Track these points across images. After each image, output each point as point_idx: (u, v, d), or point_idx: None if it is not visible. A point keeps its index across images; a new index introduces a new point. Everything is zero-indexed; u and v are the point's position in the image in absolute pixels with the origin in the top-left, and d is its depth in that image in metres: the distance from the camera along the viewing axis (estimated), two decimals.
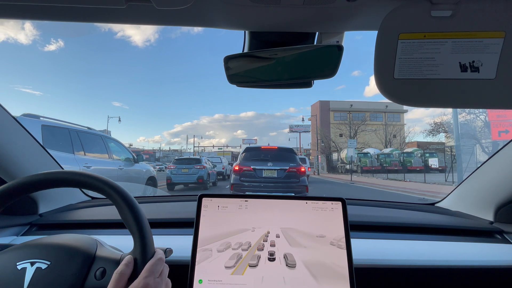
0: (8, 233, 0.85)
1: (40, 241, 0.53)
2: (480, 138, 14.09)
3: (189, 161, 9.87)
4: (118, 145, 5.53)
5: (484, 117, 14.07)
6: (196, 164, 9.47)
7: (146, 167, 6.15)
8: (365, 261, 0.75)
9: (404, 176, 17.90)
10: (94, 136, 4.85)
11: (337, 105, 36.81)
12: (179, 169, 9.31)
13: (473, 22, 0.45)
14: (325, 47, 0.63)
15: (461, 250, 0.83)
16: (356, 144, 27.07)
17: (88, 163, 4.29)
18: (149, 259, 0.48)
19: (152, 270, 0.46)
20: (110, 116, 33.32)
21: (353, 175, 20.36)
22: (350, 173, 21.12)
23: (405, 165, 23.29)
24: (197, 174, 9.23)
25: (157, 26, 0.64)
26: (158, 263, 0.48)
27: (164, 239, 0.83)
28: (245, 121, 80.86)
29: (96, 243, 0.54)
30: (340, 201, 0.69)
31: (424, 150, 24.94)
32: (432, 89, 0.49)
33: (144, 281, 0.44)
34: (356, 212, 1.00)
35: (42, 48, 71.46)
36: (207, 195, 0.70)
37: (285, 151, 6.49)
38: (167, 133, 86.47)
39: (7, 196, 0.48)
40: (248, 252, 0.64)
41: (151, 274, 0.46)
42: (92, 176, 0.50)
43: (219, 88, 79.58)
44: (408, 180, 16.14)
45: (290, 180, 5.96)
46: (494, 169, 0.92)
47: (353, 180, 17.49)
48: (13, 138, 0.86)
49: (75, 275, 0.47)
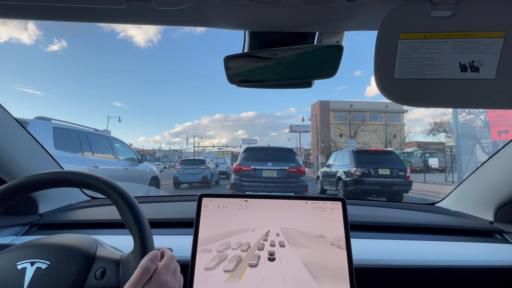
0: (8, 233, 0.85)
1: (40, 241, 0.53)
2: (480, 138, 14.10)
3: (194, 161, 10.68)
4: (123, 146, 5.71)
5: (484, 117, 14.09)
6: (200, 165, 10.23)
7: (150, 167, 6.33)
8: (365, 261, 0.75)
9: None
10: (101, 137, 5.05)
11: (337, 105, 36.80)
12: (185, 169, 10.05)
13: (473, 22, 0.45)
14: (325, 47, 0.63)
15: (461, 250, 0.83)
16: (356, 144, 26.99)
17: (96, 163, 4.44)
18: (150, 249, 0.47)
19: (168, 267, 0.47)
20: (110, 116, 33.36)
21: None
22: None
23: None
24: (202, 174, 9.97)
25: (159, 26, 0.64)
26: (172, 261, 0.48)
27: (164, 239, 0.83)
28: (246, 121, 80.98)
29: (96, 243, 0.54)
30: (340, 201, 0.69)
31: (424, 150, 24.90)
32: (432, 89, 0.49)
33: (163, 278, 0.44)
34: (356, 212, 1.00)
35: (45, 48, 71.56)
36: (207, 195, 0.70)
37: (284, 151, 6.55)
38: (167, 133, 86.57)
39: (8, 195, 0.48)
40: (248, 252, 0.64)
41: (168, 271, 0.46)
42: (92, 176, 0.50)
43: (220, 88, 79.74)
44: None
45: (290, 180, 5.99)
46: (494, 169, 0.92)
47: None
48: (13, 138, 0.86)
49: (75, 275, 0.47)
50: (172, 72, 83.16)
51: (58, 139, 3.90)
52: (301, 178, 6.02)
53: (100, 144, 4.90)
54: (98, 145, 4.81)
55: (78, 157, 4.21)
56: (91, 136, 4.71)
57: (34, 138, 0.93)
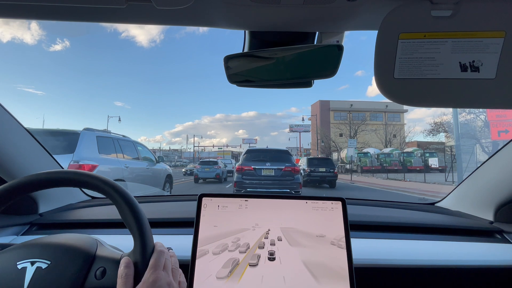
0: (8, 233, 0.85)
1: (41, 240, 0.53)
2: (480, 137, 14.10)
3: (209, 163, 14.31)
4: (143, 148, 6.74)
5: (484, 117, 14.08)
6: (214, 165, 13.93)
7: (165, 167, 7.33)
8: (365, 261, 0.76)
9: (404, 176, 17.76)
10: (128, 142, 6.08)
11: (337, 104, 36.71)
12: (203, 168, 13.79)
13: (473, 22, 0.45)
14: (325, 46, 0.63)
15: (461, 250, 0.83)
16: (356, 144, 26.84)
17: (126, 164, 5.38)
18: (149, 258, 0.48)
19: (156, 264, 0.47)
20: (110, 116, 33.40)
21: (353, 175, 20.26)
22: (350, 173, 21.00)
23: (405, 165, 23.15)
24: (215, 172, 13.59)
25: (162, 26, 0.64)
26: (160, 255, 0.48)
27: (164, 238, 0.83)
28: (246, 121, 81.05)
29: (96, 243, 0.54)
30: (340, 201, 0.69)
31: (424, 150, 24.79)
32: (432, 89, 0.49)
33: (152, 276, 0.45)
34: (356, 211, 1.00)
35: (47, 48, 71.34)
36: (207, 194, 0.70)
37: (281, 152, 7.59)
38: (168, 132, 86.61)
39: (8, 195, 0.48)
40: (248, 252, 0.64)
41: (157, 268, 0.46)
42: (93, 176, 0.50)
43: (221, 88, 79.80)
44: (408, 180, 16.02)
45: (286, 178, 6.92)
46: (494, 169, 0.92)
47: (353, 180, 17.36)
48: (14, 138, 0.86)
49: (75, 274, 0.47)
50: (173, 72, 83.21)
51: (100, 146, 4.75)
52: (296, 176, 6.95)
53: (128, 148, 5.88)
54: (127, 149, 5.78)
55: (114, 160, 5.12)
56: (121, 142, 5.68)
57: (34, 138, 0.93)
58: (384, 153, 26.76)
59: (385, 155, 25.91)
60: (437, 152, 23.20)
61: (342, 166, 28.13)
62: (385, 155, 25.86)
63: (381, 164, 24.67)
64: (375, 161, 25.26)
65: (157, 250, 0.49)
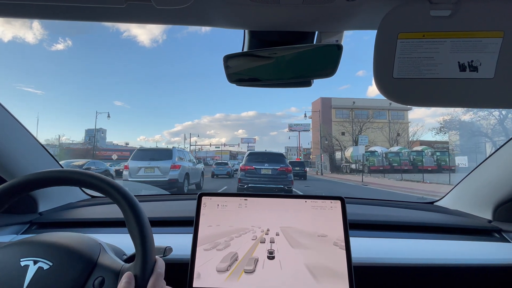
0: (8, 232, 0.86)
1: (45, 238, 0.52)
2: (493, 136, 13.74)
3: (222, 163, 19.09)
4: (188, 154, 11.20)
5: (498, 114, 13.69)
6: (225, 165, 18.55)
7: (201, 166, 11.74)
8: (364, 260, 0.76)
9: (423, 176, 15.64)
10: (185, 152, 11.13)
11: (339, 102, 35.59)
12: (218, 167, 18.03)
13: (472, 22, 0.45)
14: (324, 46, 0.63)
15: (460, 249, 0.83)
16: (367, 141, 26.05)
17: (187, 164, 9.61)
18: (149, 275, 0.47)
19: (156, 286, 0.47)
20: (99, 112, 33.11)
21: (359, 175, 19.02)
22: (361, 174, 19.65)
23: (415, 165, 21.93)
24: (226, 170, 17.79)
25: (163, 26, 0.65)
26: (159, 278, 0.48)
27: (164, 237, 0.84)
28: (246, 121, 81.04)
29: (99, 248, 0.53)
30: (339, 200, 0.69)
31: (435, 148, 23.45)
32: (431, 89, 0.49)
33: None
34: (354, 211, 1.00)
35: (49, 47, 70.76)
36: (207, 193, 0.71)
37: (277, 155, 9.69)
38: (167, 132, 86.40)
39: (9, 194, 0.48)
40: (248, 250, 0.64)
41: None
42: (93, 175, 0.50)
43: (221, 87, 79.44)
44: (428, 181, 14.21)
45: (280, 176, 8.68)
46: (492, 168, 0.93)
47: (365, 181, 15.64)
48: (14, 137, 0.86)
49: (75, 280, 0.47)
50: (173, 72, 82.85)
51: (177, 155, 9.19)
52: (288, 175, 8.74)
53: (186, 155, 10.40)
54: (186, 156, 10.23)
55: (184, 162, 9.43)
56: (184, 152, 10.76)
57: (34, 137, 0.94)
58: (393, 152, 25.27)
59: (394, 154, 24.40)
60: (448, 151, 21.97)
61: (346, 166, 27.04)
62: (394, 154, 24.37)
63: (390, 163, 23.36)
64: (384, 161, 23.85)
65: (156, 271, 0.48)
